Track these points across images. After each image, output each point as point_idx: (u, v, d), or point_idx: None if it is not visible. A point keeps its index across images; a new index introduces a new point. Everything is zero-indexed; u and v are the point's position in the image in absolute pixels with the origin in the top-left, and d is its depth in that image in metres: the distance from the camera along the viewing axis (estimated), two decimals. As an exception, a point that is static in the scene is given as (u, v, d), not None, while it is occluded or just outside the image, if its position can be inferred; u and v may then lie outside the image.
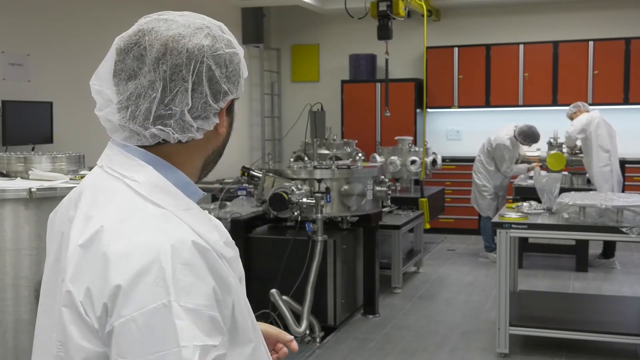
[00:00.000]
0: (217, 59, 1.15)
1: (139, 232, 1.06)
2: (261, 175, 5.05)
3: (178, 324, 1.00)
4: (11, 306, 2.57)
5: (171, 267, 1.02)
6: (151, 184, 1.13)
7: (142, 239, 1.05)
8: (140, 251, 1.03)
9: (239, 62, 1.20)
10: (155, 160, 1.16)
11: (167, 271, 1.02)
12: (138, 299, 1.00)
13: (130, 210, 1.10)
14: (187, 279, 1.03)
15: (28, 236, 2.58)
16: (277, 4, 9.35)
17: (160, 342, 1.00)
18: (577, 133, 7.01)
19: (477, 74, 9.20)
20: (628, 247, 7.97)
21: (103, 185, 1.16)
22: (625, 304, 5.48)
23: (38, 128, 5.54)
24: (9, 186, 2.66)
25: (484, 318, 5.49)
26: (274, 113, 10.22)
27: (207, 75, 1.14)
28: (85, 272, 1.06)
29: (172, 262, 1.02)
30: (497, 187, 7.43)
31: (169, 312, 1.00)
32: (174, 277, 1.02)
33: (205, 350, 1.01)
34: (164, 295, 1.00)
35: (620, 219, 4.44)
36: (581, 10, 9.13)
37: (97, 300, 1.03)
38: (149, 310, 1.00)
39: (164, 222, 1.08)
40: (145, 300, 1.00)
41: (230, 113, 1.23)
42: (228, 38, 1.19)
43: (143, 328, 1.00)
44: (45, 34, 5.96)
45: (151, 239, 1.05)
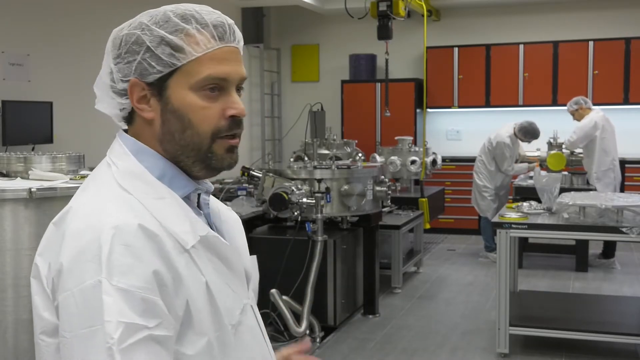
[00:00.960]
0: (115, 40, 1.23)
1: (95, 213, 1.12)
2: (261, 175, 5.04)
3: (105, 300, 1.04)
4: (11, 306, 2.57)
5: (109, 246, 1.06)
6: (126, 171, 1.19)
7: (94, 219, 1.10)
8: (87, 231, 1.09)
9: (141, 43, 1.18)
10: (142, 149, 1.22)
11: (104, 250, 1.06)
12: (77, 275, 1.07)
13: (98, 194, 1.17)
14: (125, 259, 1.06)
15: (28, 236, 2.58)
16: (277, 4, 9.35)
17: (91, 317, 1.04)
18: (580, 142, 7.00)
19: (477, 74, 9.20)
20: (628, 247, 7.97)
21: (96, 170, 1.25)
22: (625, 304, 5.48)
23: (38, 128, 5.54)
24: (9, 186, 2.66)
25: (484, 318, 5.49)
26: (274, 113, 10.22)
27: (106, 55, 1.24)
28: (50, 248, 1.14)
29: (112, 242, 1.07)
30: (498, 187, 7.42)
31: (99, 289, 1.04)
32: (110, 257, 1.06)
33: (132, 328, 1.04)
34: (98, 273, 1.05)
35: (620, 219, 4.44)
36: (581, 10, 9.13)
37: (50, 275, 1.12)
38: (85, 287, 1.05)
39: (120, 206, 1.13)
40: (82, 277, 1.06)
41: (162, 99, 1.19)
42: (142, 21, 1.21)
43: (80, 303, 1.05)
44: (45, 34, 5.96)
45: (100, 220, 1.10)
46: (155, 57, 1.18)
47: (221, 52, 1.20)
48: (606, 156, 6.96)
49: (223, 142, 1.21)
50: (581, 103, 7.09)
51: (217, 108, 1.20)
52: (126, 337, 1.04)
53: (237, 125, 1.22)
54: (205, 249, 1.18)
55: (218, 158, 1.22)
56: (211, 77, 1.18)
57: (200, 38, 1.19)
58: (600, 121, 6.94)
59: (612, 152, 7.03)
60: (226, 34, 1.22)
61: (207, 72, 1.18)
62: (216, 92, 1.20)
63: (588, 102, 7.14)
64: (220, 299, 1.18)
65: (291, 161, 5.81)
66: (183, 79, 1.18)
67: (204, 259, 1.17)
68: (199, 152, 1.20)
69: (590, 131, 6.93)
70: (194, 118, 1.19)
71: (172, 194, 1.19)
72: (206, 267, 1.17)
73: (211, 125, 1.19)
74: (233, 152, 1.24)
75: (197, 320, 1.14)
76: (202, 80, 1.18)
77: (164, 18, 1.19)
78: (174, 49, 1.17)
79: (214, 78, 1.19)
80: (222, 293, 1.19)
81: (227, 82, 1.21)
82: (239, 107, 1.21)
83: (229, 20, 1.24)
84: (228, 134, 1.21)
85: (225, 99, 1.21)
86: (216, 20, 1.21)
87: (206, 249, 1.18)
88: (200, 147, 1.20)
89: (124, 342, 1.03)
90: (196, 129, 1.19)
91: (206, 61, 1.19)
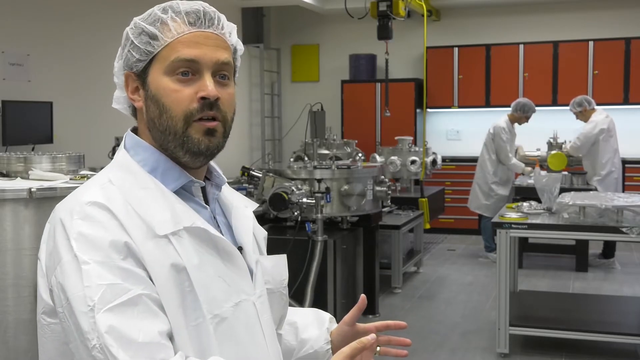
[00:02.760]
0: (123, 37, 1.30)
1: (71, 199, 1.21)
2: (261, 175, 5.04)
3: (84, 268, 1.10)
4: (11, 306, 2.57)
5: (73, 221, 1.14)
6: (116, 163, 1.26)
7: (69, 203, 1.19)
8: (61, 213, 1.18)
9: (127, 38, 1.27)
10: (138, 142, 1.28)
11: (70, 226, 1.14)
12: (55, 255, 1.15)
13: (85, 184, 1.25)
14: (89, 230, 1.13)
15: (28, 236, 2.58)
16: (277, 4, 9.35)
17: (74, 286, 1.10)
18: (585, 149, 6.99)
19: (477, 74, 9.20)
20: (628, 247, 7.97)
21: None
22: (625, 304, 5.48)
23: (38, 128, 5.54)
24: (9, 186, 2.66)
25: (484, 318, 5.49)
26: (274, 113, 10.22)
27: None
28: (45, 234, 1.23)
29: (74, 217, 1.15)
30: (505, 181, 7.36)
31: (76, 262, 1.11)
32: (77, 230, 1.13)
33: (115, 288, 1.09)
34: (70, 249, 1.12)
35: (620, 219, 4.44)
36: (581, 10, 9.13)
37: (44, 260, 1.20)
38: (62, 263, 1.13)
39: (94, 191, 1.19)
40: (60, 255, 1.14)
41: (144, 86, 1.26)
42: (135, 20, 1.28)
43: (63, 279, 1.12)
44: (45, 34, 5.96)
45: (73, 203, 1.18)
46: (136, 48, 1.25)
47: (192, 36, 1.24)
48: (609, 157, 6.96)
49: (199, 125, 1.24)
50: (585, 105, 7.06)
51: (189, 91, 1.23)
52: (110, 297, 1.08)
53: (209, 107, 1.24)
54: (193, 239, 1.21)
55: (194, 141, 1.24)
56: (179, 59, 1.23)
57: (172, 25, 1.24)
58: (604, 124, 6.94)
59: (615, 153, 7.03)
60: (199, 20, 1.25)
61: (175, 55, 1.23)
62: (189, 77, 1.24)
63: (592, 103, 7.12)
64: (200, 287, 1.19)
65: (291, 161, 5.81)
66: (159, 65, 1.24)
67: (188, 248, 1.20)
68: (175, 136, 1.24)
69: (594, 137, 6.94)
70: (166, 101, 1.23)
71: (157, 184, 1.23)
72: (188, 255, 1.19)
73: (183, 107, 1.23)
74: (212, 135, 1.25)
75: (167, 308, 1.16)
76: (171, 63, 1.23)
77: (148, 12, 1.28)
78: (150, 38, 1.24)
79: (181, 60, 1.23)
80: (205, 282, 1.20)
81: (199, 64, 1.23)
82: (207, 88, 1.23)
83: (207, 9, 1.28)
84: (201, 116, 1.23)
85: (198, 83, 1.24)
86: (191, 8, 1.26)
87: (193, 239, 1.21)
88: (175, 131, 1.23)
89: (110, 302, 1.08)
90: (169, 112, 1.23)
91: (177, 45, 1.24)
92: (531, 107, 7.25)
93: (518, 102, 7.32)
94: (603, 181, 6.93)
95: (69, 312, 1.11)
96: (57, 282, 1.13)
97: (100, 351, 1.06)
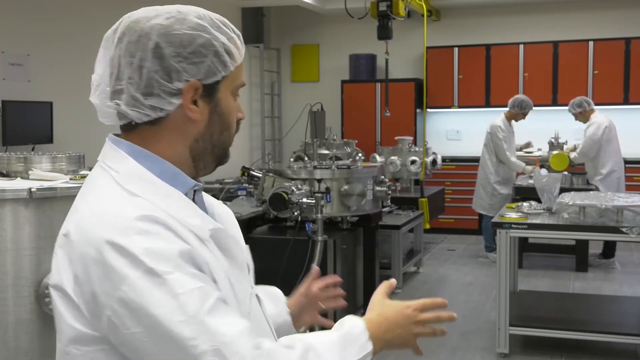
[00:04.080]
0: (170, 37, 1.17)
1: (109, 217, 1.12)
2: (261, 175, 5.04)
3: (168, 278, 1.06)
4: (11, 306, 2.57)
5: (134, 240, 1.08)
6: (129, 174, 1.18)
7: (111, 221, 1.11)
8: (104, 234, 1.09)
9: (208, 46, 1.19)
10: (139, 152, 1.21)
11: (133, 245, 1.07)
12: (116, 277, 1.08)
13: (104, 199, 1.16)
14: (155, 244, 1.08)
15: (28, 236, 2.58)
16: (277, 4, 9.35)
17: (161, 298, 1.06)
18: (591, 154, 6.98)
19: (477, 74, 9.20)
20: (628, 247, 7.96)
21: (92, 177, 1.24)
22: (625, 304, 5.48)
23: (38, 128, 5.54)
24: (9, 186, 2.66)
25: (484, 318, 5.49)
26: (274, 113, 10.22)
27: (155, 52, 1.17)
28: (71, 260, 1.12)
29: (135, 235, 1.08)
30: (507, 180, 7.36)
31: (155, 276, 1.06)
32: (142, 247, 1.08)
33: (204, 291, 1.08)
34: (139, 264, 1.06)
35: (620, 219, 4.43)
36: (581, 10, 9.13)
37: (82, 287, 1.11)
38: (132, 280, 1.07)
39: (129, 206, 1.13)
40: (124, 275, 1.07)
41: (212, 101, 1.22)
42: (198, 22, 1.19)
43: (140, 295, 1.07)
44: (45, 34, 5.96)
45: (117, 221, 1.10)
46: (221, 62, 1.21)
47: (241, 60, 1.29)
48: (611, 156, 6.96)
49: None
50: (585, 105, 7.06)
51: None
52: (205, 299, 1.07)
53: (238, 127, 1.32)
54: (216, 242, 1.22)
55: (227, 155, 1.31)
56: (242, 83, 1.29)
57: (239, 45, 1.26)
58: (606, 123, 6.94)
59: (617, 152, 7.03)
60: (242, 44, 1.29)
61: (241, 79, 1.27)
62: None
63: (591, 104, 7.12)
64: (237, 288, 1.23)
65: (291, 161, 5.80)
66: (229, 83, 1.24)
67: (217, 252, 1.21)
68: (224, 151, 1.29)
69: (600, 138, 6.93)
70: (231, 121, 1.27)
71: (176, 191, 1.21)
72: (219, 257, 1.21)
73: (234, 127, 1.29)
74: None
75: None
76: (239, 86, 1.28)
77: (212, 22, 1.22)
78: (229, 55, 1.23)
79: (243, 84, 1.29)
80: (235, 281, 1.23)
81: None
82: (243, 112, 1.31)
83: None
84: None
85: (236, 104, 1.29)
86: (237, 31, 1.28)
87: (216, 242, 1.22)
88: (226, 147, 1.29)
89: (206, 304, 1.07)
90: (229, 130, 1.28)
91: (240, 68, 1.27)
92: (528, 104, 7.25)
93: (516, 98, 7.33)
94: (604, 180, 6.93)
95: (154, 328, 1.05)
96: (123, 304, 1.06)
97: (213, 354, 1.04)
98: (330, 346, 1.16)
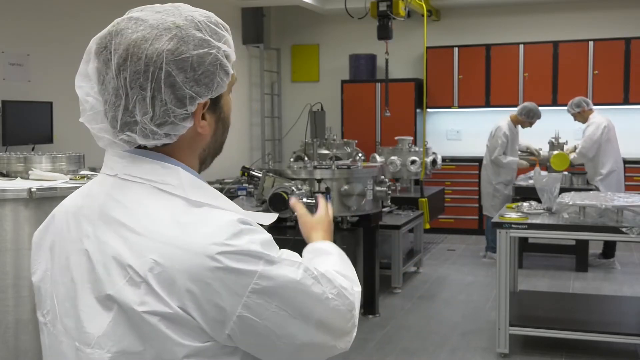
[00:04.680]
0: (180, 63, 1.10)
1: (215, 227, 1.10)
2: (261, 175, 5.04)
3: (284, 256, 1.15)
4: (12, 306, 2.57)
5: (251, 237, 1.12)
6: (189, 184, 1.15)
7: (215, 231, 1.09)
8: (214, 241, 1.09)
9: (215, 62, 1.14)
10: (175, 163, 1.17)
11: (251, 243, 1.11)
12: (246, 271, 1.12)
13: (180, 212, 1.11)
14: (261, 237, 1.13)
15: (28, 236, 2.58)
16: (277, 4, 9.35)
17: (288, 277, 1.14)
18: (592, 153, 6.97)
19: (477, 74, 9.20)
20: (628, 247, 7.96)
21: (130, 194, 1.15)
22: (625, 304, 5.48)
23: (38, 128, 5.54)
24: (9, 186, 2.66)
25: (484, 318, 5.49)
26: (274, 113, 10.22)
27: (167, 82, 1.10)
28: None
29: (243, 237, 1.11)
30: (509, 181, 7.35)
31: (275, 260, 1.14)
32: (260, 241, 1.13)
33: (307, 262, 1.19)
34: (260, 258, 1.12)
35: (620, 219, 4.44)
36: (581, 10, 9.13)
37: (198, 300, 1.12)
38: (262, 271, 1.12)
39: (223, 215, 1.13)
40: (252, 270, 1.11)
41: (216, 110, 1.19)
42: (201, 37, 1.13)
43: (267, 284, 1.12)
44: (45, 34, 5.96)
45: (217, 230, 1.10)
46: (225, 73, 1.17)
47: None
48: (610, 156, 6.96)
49: None
50: (583, 105, 7.06)
51: None
52: (311, 266, 1.19)
53: None
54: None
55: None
56: (236, 79, 1.24)
57: (231, 43, 1.22)
58: (605, 122, 6.94)
59: (616, 153, 7.03)
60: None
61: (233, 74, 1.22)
62: None
63: (590, 104, 7.13)
64: None
65: (291, 161, 5.81)
66: (228, 86, 1.21)
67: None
68: (221, 148, 1.27)
69: (599, 138, 6.93)
70: (229, 117, 1.25)
71: (220, 193, 1.23)
72: None
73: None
74: None
75: None
76: (233, 81, 1.22)
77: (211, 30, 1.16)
78: (228, 60, 1.18)
79: (236, 79, 1.24)
80: None
81: None
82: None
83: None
84: None
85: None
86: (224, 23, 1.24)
87: None
88: (223, 144, 1.27)
89: (315, 268, 1.19)
90: (228, 128, 1.26)
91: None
92: (536, 114, 7.22)
93: (524, 106, 7.26)
94: (605, 180, 6.93)
95: (291, 300, 1.13)
96: (257, 294, 1.09)
97: (337, 296, 1.21)
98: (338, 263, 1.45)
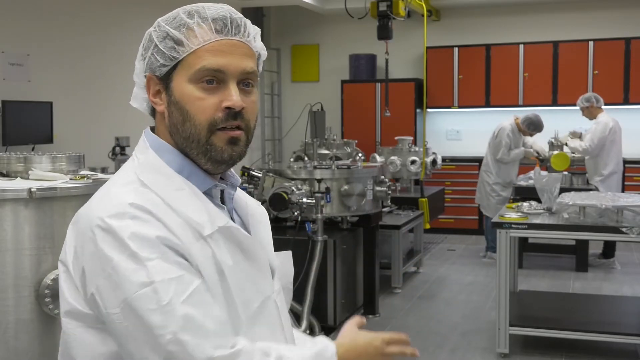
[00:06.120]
0: (150, 35, 1.27)
1: (107, 200, 1.19)
2: (261, 175, 5.04)
3: (148, 264, 1.10)
4: (12, 306, 2.56)
5: (123, 221, 1.14)
6: (146, 164, 1.24)
7: (107, 205, 1.17)
8: (99, 214, 1.17)
9: (151, 41, 1.25)
10: (164, 146, 1.26)
11: (121, 229, 1.13)
12: (105, 258, 1.14)
13: (117, 183, 1.23)
14: (142, 230, 1.13)
15: (28, 236, 2.58)
16: (277, 4, 9.35)
17: (137, 283, 1.10)
18: (598, 150, 6.96)
19: (477, 74, 9.20)
20: (628, 247, 7.96)
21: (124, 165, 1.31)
22: (625, 304, 5.48)
23: (38, 128, 5.54)
24: (9, 186, 2.66)
25: (484, 318, 5.49)
26: (274, 113, 10.22)
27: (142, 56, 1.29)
28: (70, 236, 1.21)
29: (123, 219, 1.14)
30: (508, 183, 7.35)
31: (136, 260, 1.11)
32: (128, 231, 1.13)
33: (183, 280, 1.10)
34: (125, 248, 1.12)
35: (620, 219, 4.44)
36: (581, 10, 9.13)
37: (78, 263, 1.19)
38: (116, 263, 1.12)
39: (130, 193, 1.18)
40: (111, 257, 1.13)
41: (168, 91, 1.25)
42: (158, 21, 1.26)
43: (120, 277, 1.12)
44: (45, 34, 5.96)
45: (109, 204, 1.17)
46: (160, 52, 1.23)
47: (219, 44, 1.23)
48: (613, 157, 6.96)
49: (222, 134, 1.23)
50: (593, 101, 7.04)
51: (214, 100, 1.22)
52: (182, 289, 1.09)
53: (234, 117, 1.23)
54: (225, 240, 1.21)
55: (217, 150, 1.23)
56: (205, 68, 1.21)
57: (199, 31, 1.22)
58: (612, 123, 6.94)
59: (619, 155, 7.03)
60: (226, 27, 1.23)
61: (201, 64, 1.21)
62: (214, 85, 1.22)
63: (600, 101, 7.09)
64: (236, 291, 1.20)
65: (291, 161, 5.81)
66: (184, 71, 1.22)
67: (223, 249, 1.20)
68: (198, 144, 1.23)
69: (605, 137, 6.93)
70: (191, 109, 1.22)
71: (190, 186, 1.23)
72: (225, 257, 1.20)
73: (207, 116, 1.22)
74: (235, 144, 1.25)
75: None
76: (197, 71, 1.21)
77: (173, 15, 1.25)
78: (176, 43, 1.22)
79: (208, 69, 1.21)
80: (239, 284, 1.21)
81: (225, 74, 1.23)
82: (233, 98, 1.22)
83: (234, 15, 1.25)
84: (225, 125, 1.23)
85: (223, 92, 1.22)
86: (218, 15, 1.23)
87: (226, 240, 1.21)
88: (199, 139, 1.23)
89: (183, 294, 1.09)
90: (193, 120, 1.22)
91: (203, 53, 1.21)
92: (537, 127, 7.21)
93: (527, 117, 7.23)
94: (605, 181, 6.93)
95: (128, 311, 1.08)
96: (106, 284, 1.10)
97: (176, 343, 1.07)
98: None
